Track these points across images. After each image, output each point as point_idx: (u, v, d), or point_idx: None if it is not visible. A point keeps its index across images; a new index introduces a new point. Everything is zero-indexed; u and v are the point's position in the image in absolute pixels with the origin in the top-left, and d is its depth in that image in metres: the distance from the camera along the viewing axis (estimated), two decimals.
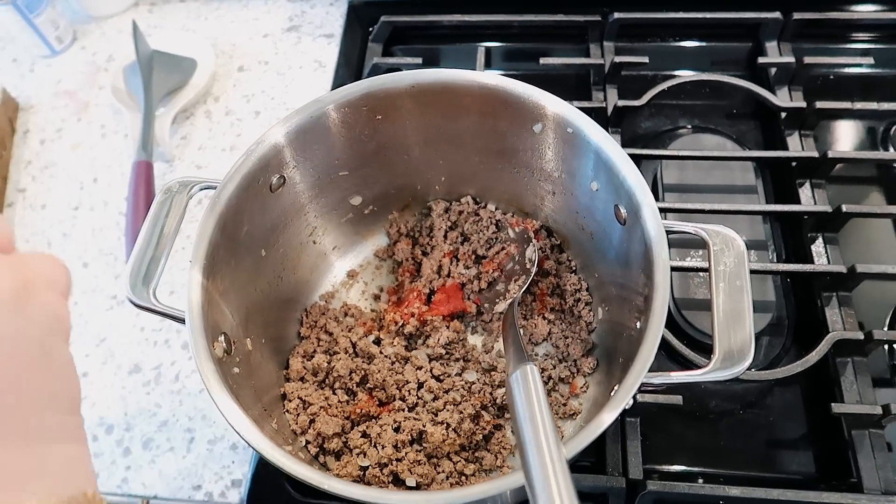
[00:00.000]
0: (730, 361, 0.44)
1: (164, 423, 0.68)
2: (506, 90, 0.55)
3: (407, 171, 0.67)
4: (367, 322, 0.66)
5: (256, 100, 0.90)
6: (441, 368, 0.62)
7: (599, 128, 0.52)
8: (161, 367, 0.71)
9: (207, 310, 0.47)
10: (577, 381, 0.63)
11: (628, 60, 0.81)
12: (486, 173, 0.66)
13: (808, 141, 0.78)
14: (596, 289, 0.65)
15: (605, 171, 0.52)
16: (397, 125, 0.61)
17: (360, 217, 0.70)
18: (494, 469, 0.58)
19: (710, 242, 0.48)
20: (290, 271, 0.65)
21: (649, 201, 0.47)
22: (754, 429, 0.64)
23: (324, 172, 0.62)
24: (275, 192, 0.58)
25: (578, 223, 0.63)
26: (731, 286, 0.46)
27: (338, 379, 0.61)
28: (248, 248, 0.57)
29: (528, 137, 0.58)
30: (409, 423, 0.57)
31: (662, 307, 0.43)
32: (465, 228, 0.71)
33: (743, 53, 0.89)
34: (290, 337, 0.66)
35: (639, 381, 0.41)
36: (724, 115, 0.85)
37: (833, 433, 0.62)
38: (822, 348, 0.62)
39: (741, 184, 0.78)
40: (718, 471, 0.62)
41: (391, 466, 0.55)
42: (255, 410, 0.49)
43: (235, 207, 0.52)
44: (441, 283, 0.68)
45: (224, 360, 0.48)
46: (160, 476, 0.65)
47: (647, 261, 0.47)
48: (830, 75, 0.86)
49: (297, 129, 0.56)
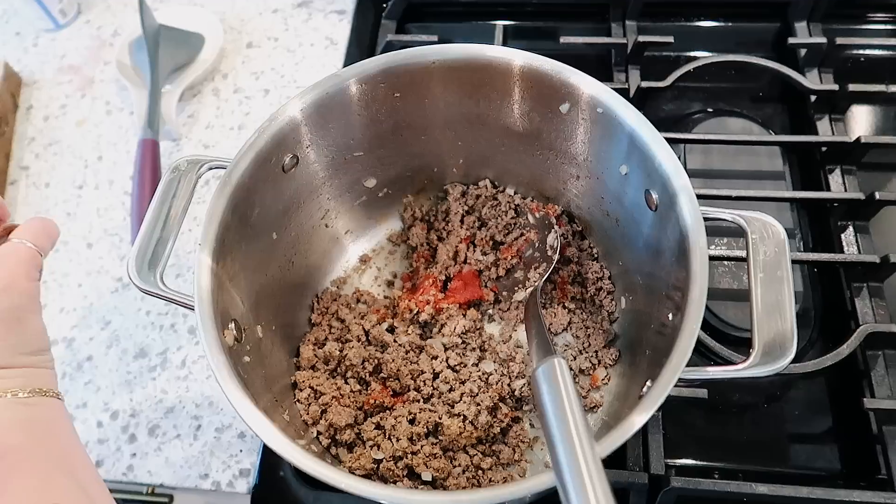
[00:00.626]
0: (770, 356, 0.41)
1: (170, 409, 0.66)
2: (533, 67, 0.52)
3: (424, 153, 0.65)
4: (381, 309, 0.64)
5: (266, 77, 0.88)
6: (457, 358, 0.60)
7: (633, 109, 0.49)
8: (167, 353, 0.69)
9: (218, 295, 0.45)
10: (598, 372, 0.61)
11: (652, 40, 0.78)
12: (506, 155, 0.64)
13: (839, 125, 0.76)
14: (619, 277, 0.63)
15: (638, 154, 0.49)
16: (416, 104, 0.58)
17: (374, 200, 0.68)
18: (512, 463, 0.57)
19: (749, 230, 0.45)
20: (302, 255, 0.63)
21: (687, 187, 0.45)
22: (778, 423, 0.62)
23: (338, 152, 0.59)
24: (287, 173, 0.55)
25: (603, 209, 0.60)
26: (771, 276, 0.44)
27: (350, 368, 0.59)
28: (260, 231, 0.55)
29: (553, 118, 0.56)
30: (425, 415, 0.56)
31: (700, 299, 0.41)
32: (482, 213, 0.68)
33: (770, 34, 0.86)
34: (301, 324, 0.64)
35: (676, 377, 0.39)
36: (750, 99, 0.82)
37: (859, 428, 0.60)
38: (853, 341, 0.61)
39: (768, 169, 0.75)
40: (741, 466, 0.60)
41: (406, 460, 0.54)
42: (266, 401, 0.47)
43: (247, 188, 0.50)
44: (457, 270, 0.66)
45: (235, 348, 0.46)
46: (166, 464, 0.64)
47: (682, 249, 0.44)
48: (861, 58, 0.83)
49: (313, 105, 0.53)
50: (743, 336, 0.65)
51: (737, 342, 0.64)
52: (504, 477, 0.56)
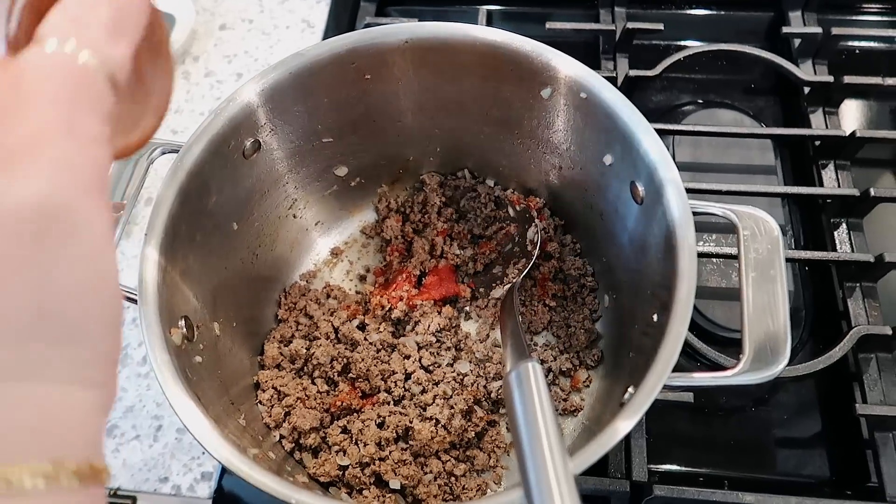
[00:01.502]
0: (762, 362, 0.38)
1: (129, 408, 0.63)
2: (512, 48, 0.49)
3: (398, 140, 0.61)
4: (352, 305, 0.61)
5: (239, 61, 0.84)
6: (431, 358, 0.57)
7: (618, 93, 0.46)
8: (128, 348, 0.66)
9: (164, 291, 0.41)
10: (579, 374, 0.58)
11: (642, 27, 0.76)
12: (485, 144, 0.61)
13: (833, 119, 0.74)
14: (602, 274, 0.60)
15: (623, 142, 0.46)
16: (388, 86, 0.55)
17: (345, 190, 0.65)
18: (487, 469, 0.54)
19: (740, 226, 0.42)
20: (267, 248, 0.59)
21: (674, 178, 0.42)
22: (766, 427, 0.60)
23: (305, 138, 0.56)
24: (248, 159, 0.52)
25: (587, 201, 0.57)
26: (764, 276, 0.41)
27: (317, 367, 0.56)
28: (217, 222, 0.51)
29: (534, 103, 0.53)
30: (395, 419, 0.53)
31: (688, 299, 0.38)
32: (461, 205, 0.66)
33: (763, 24, 0.84)
34: (267, 320, 0.61)
35: (661, 383, 0.35)
36: (742, 90, 0.80)
37: (849, 434, 0.58)
38: (846, 344, 0.58)
39: (759, 163, 0.74)
40: (727, 472, 0.58)
41: (373, 466, 0.51)
42: (220, 405, 0.44)
43: (201, 174, 0.47)
44: (433, 265, 0.63)
45: (184, 347, 0.42)
46: (124, 466, 0.61)
47: (669, 245, 0.41)
48: (856, 50, 0.81)
49: (273, 86, 0.50)
50: (730, 336, 0.62)
51: (724, 342, 0.62)
52: (478, 484, 0.53)
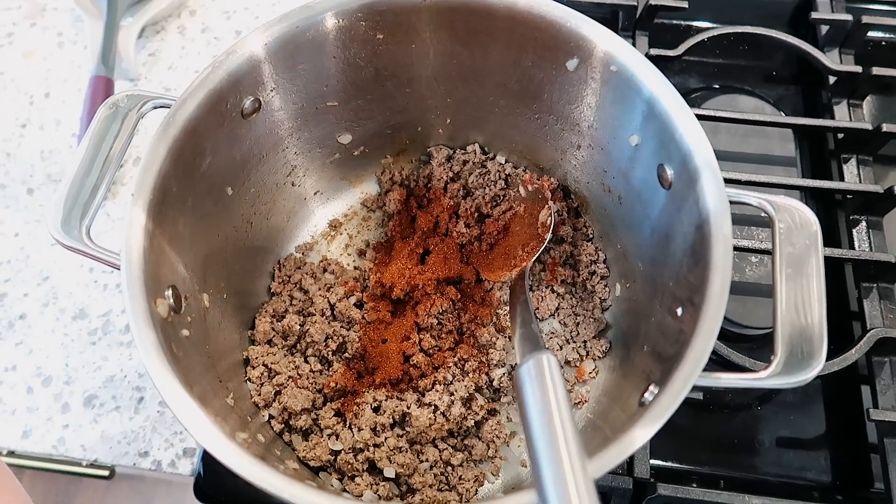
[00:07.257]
0: (795, 366, 0.36)
1: (110, 378, 0.61)
2: (539, 13, 0.45)
3: (407, 108, 0.58)
4: (349, 281, 0.58)
5: (238, 17, 0.81)
6: (431, 342, 0.54)
7: (655, 69, 0.42)
8: (110, 315, 0.64)
9: (150, 258, 0.38)
10: (585, 365, 0.55)
11: (665, 3, 0.72)
12: (500, 118, 0.57)
13: (858, 112, 0.71)
14: (615, 262, 0.58)
15: (656, 123, 0.43)
16: (401, 49, 0.51)
17: (348, 159, 0.61)
18: (485, 460, 0.52)
19: (776, 219, 0.40)
20: (263, 216, 0.56)
21: (712, 164, 0.38)
22: (770, 426, 0.59)
23: (308, 100, 0.52)
24: (247, 119, 0.48)
25: (605, 184, 0.54)
26: (800, 272, 0.38)
27: (311, 345, 0.53)
28: (211, 185, 0.48)
29: (557, 75, 0.49)
30: (391, 403, 0.50)
31: (721, 295, 0.35)
32: (468, 181, 0.62)
33: (789, 8, 0.81)
34: (259, 292, 0.58)
35: (689, 385, 0.33)
36: (762, 77, 0.77)
37: (855, 437, 0.57)
38: (862, 346, 0.57)
39: (779, 154, 0.71)
40: (729, 472, 0.57)
41: (367, 452, 0.49)
42: (206, 382, 0.41)
43: (195, 132, 0.43)
44: (437, 242, 0.60)
45: (170, 319, 0.39)
46: (102, 438, 0.59)
47: (701, 235, 0.38)
48: (883, 41, 0.78)
49: (279, 40, 0.46)
50: (746, 334, 0.60)
51: (734, 338, 0.60)
52: (475, 475, 0.50)
